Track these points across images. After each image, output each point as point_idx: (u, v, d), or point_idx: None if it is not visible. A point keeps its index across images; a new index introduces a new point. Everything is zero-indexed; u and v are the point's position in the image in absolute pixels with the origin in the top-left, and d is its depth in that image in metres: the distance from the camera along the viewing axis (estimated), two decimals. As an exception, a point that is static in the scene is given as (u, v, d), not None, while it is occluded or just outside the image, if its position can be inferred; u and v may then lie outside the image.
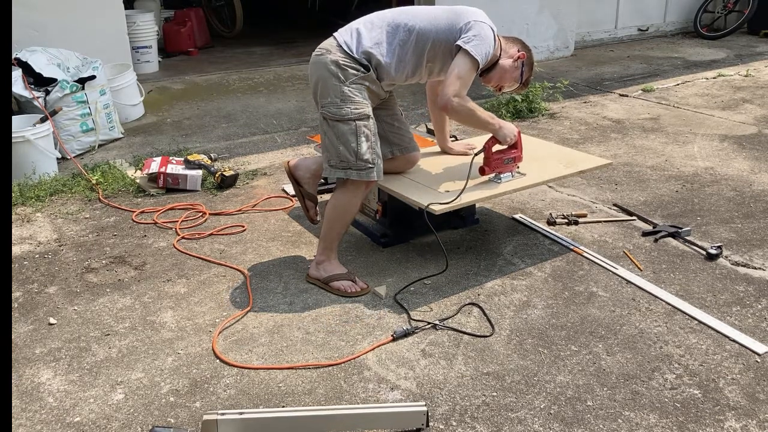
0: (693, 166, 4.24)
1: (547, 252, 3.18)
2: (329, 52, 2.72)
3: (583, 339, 2.52)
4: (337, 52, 2.71)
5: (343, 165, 2.72)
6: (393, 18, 2.77)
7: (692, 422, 2.11)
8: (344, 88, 2.68)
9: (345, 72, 2.69)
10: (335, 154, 2.73)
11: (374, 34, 2.73)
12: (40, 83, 4.36)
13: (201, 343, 2.53)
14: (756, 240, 3.27)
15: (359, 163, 2.70)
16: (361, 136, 2.69)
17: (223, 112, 5.50)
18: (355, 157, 2.69)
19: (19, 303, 2.81)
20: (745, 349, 2.45)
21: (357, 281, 2.85)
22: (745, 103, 5.64)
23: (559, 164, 3.20)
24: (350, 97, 2.68)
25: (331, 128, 2.72)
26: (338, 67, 2.69)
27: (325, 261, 2.88)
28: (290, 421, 2.07)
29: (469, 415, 2.15)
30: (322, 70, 2.72)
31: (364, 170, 2.72)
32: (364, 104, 2.71)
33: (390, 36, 2.74)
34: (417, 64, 2.79)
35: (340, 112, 2.68)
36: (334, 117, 2.69)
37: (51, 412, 2.19)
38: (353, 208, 2.83)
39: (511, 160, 3.01)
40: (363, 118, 2.70)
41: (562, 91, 5.65)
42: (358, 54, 2.71)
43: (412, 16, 2.77)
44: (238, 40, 8.38)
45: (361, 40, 2.72)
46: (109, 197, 3.85)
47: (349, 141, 2.68)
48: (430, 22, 2.75)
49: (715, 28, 8.74)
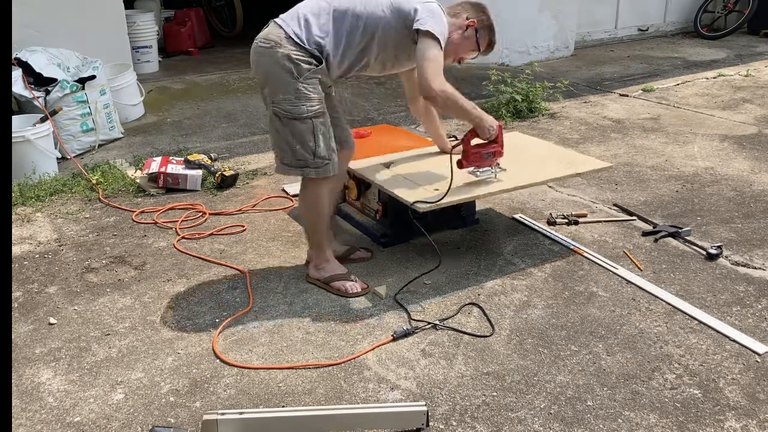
0: (693, 166, 4.24)
1: (547, 252, 3.18)
2: (279, 45, 2.54)
3: (583, 339, 2.52)
4: (288, 45, 2.54)
5: (300, 164, 2.64)
6: (339, 3, 2.60)
7: (692, 422, 2.11)
8: (299, 85, 2.54)
9: (299, 67, 2.53)
10: (290, 152, 2.63)
11: (322, 22, 2.57)
12: (40, 83, 4.36)
13: (201, 343, 2.53)
14: (756, 240, 3.27)
15: (317, 161, 2.62)
16: (318, 135, 2.60)
17: (223, 112, 5.50)
18: (313, 155, 2.61)
19: (19, 303, 2.81)
20: (745, 349, 2.45)
21: (357, 281, 2.85)
22: (745, 103, 5.64)
23: (559, 164, 3.20)
24: (305, 94, 2.55)
25: (285, 126, 2.60)
26: (291, 62, 2.52)
27: (323, 262, 2.88)
28: (290, 421, 2.07)
29: (469, 415, 2.15)
30: (272, 65, 2.55)
31: (321, 167, 2.65)
32: (319, 101, 2.59)
33: (337, 23, 2.58)
34: (365, 53, 2.65)
35: (296, 110, 2.56)
36: (289, 115, 2.57)
37: (51, 412, 2.19)
38: (323, 202, 2.77)
39: (490, 154, 2.94)
40: (319, 116, 2.59)
41: (562, 91, 5.65)
42: (309, 45, 2.55)
43: (359, 1, 2.61)
44: (238, 40, 8.37)
45: (310, 30, 2.56)
46: (109, 197, 3.85)
47: (306, 140, 2.59)
48: (377, 7, 2.60)
49: (715, 28, 8.73)
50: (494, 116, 5.16)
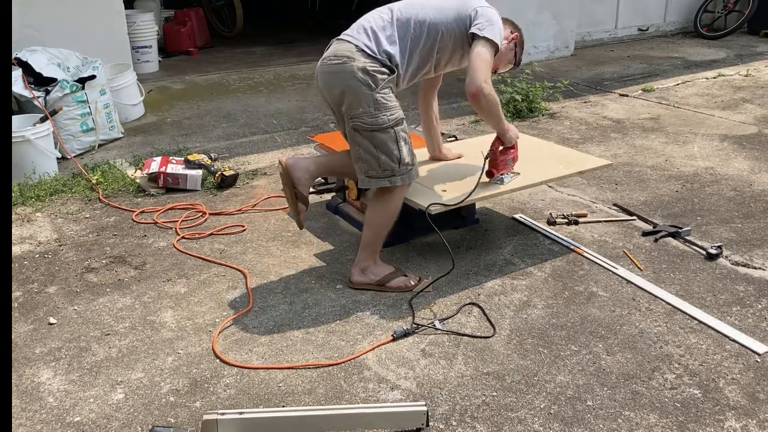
0: (693, 166, 4.24)
1: (547, 252, 3.18)
2: (352, 60, 2.57)
3: (583, 339, 2.52)
4: (362, 57, 2.57)
5: (387, 174, 2.65)
6: (401, 12, 2.68)
7: (692, 422, 2.11)
8: (376, 96, 2.57)
9: (374, 78, 2.56)
10: (376, 164, 2.64)
11: (389, 33, 2.63)
12: (40, 83, 4.36)
13: (201, 343, 2.53)
14: (756, 240, 3.27)
15: (402, 168, 2.65)
16: (401, 141, 2.63)
17: (223, 112, 5.50)
18: (398, 163, 2.64)
19: (19, 303, 2.81)
20: (745, 349, 2.45)
21: (408, 274, 2.87)
22: (745, 103, 5.64)
23: (559, 164, 3.21)
24: (384, 103, 2.58)
25: (366, 138, 2.61)
26: (367, 74, 2.56)
27: (371, 265, 2.84)
28: (290, 421, 2.07)
29: (469, 414, 2.15)
30: (349, 79, 2.57)
31: (407, 174, 2.68)
32: (397, 107, 2.64)
33: (402, 31, 2.65)
34: (427, 58, 2.72)
35: (376, 122, 2.58)
36: (370, 127, 2.59)
37: (51, 411, 2.19)
38: (398, 210, 2.79)
39: (511, 160, 3.03)
40: (400, 123, 2.63)
41: (562, 91, 5.65)
42: (381, 56, 2.60)
43: (420, 9, 2.68)
44: (238, 40, 8.37)
45: (379, 40, 2.62)
46: (109, 197, 3.85)
47: (391, 149, 2.62)
48: (439, 12, 2.68)
49: (715, 28, 8.73)
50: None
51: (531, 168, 3.13)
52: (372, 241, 2.83)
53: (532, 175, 3.08)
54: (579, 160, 3.30)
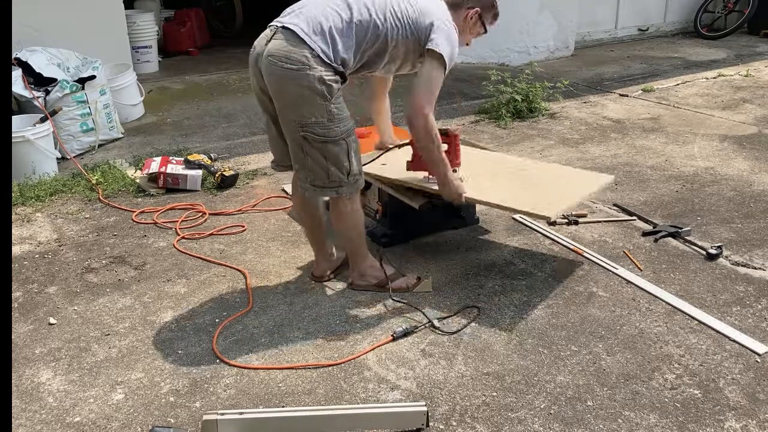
0: (693, 166, 4.24)
1: (547, 252, 3.18)
2: (308, 68, 2.40)
3: (583, 339, 2.52)
4: (319, 66, 2.42)
5: (334, 184, 2.58)
6: (360, 14, 2.48)
7: (692, 422, 2.11)
8: (331, 107, 2.46)
9: (330, 88, 2.44)
10: (324, 175, 2.56)
11: (346, 38, 2.46)
12: (40, 83, 4.36)
13: (201, 343, 2.53)
14: (756, 240, 3.27)
15: (351, 179, 2.59)
16: (351, 153, 2.56)
17: (223, 112, 5.50)
18: (347, 175, 2.57)
19: (19, 303, 2.81)
20: (745, 349, 2.45)
21: (407, 274, 2.87)
22: (745, 103, 5.64)
23: (566, 189, 2.96)
24: (337, 114, 2.48)
25: (316, 149, 2.52)
26: (324, 84, 2.43)
27: (368, 268, 2.83)
28: (290, 421, 2.07)
29: (469, 415, 2.15)
30: (305, 89, 2.42)
31: (354, 184, 2.62)
32: (348, 117, 2.55)
33: (359, 37, 2.49)
34: (377, 62, 2.60)
35: (329, 133, 2.49)
36: (322, 138, 2.49)
37: (51, 412, 2.19)
38: (360, 216, 2.76)
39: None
40: (351, 134, 2.56)
41: (562, 91, 5.64)
42: (336, 63, 2.46)
43: (378, 10, 2.51)
44: (238, 40, 8.36)
45: (337, 47, 2.45)
46: (109, 197, 3.85)
47: (341, 161, 2.54)
48: (397, 18, 2.51)
49: (715, 28, 8.73)
50: (494, 116, 5.21)
51: (543, 195, 2.88)
52: (354, 249, 2.81)
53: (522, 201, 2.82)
54: (584, 182, 3.05)
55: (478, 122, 5.20)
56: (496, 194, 2.85)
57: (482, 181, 3.00)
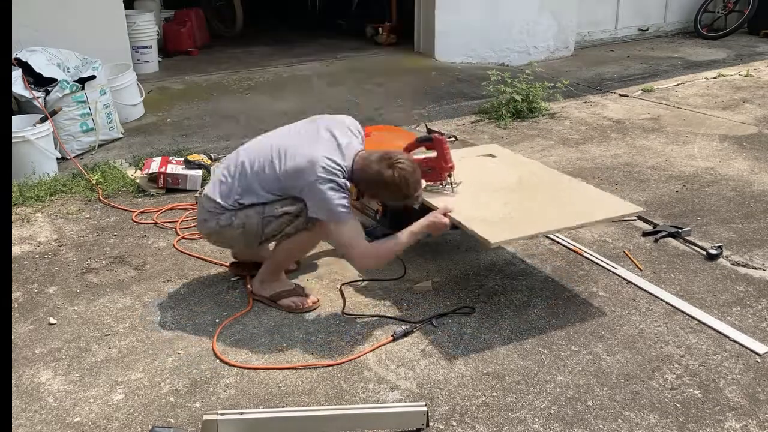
0: (693, 166, 4.24)
1: (547, 252, 3.17)
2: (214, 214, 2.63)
3: (583, 339, 2.52)
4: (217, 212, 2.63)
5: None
6: (250, 163, 2.60)
7: (692, 422, 2.11)
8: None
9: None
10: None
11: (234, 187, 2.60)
12: (40, 83, 4.36)
13: (201, 343, 2.53)
14: (756, 240, 3.27)
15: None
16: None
17: (223, 112, 5.49)
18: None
19: (19, 303, 2.81)
20: (745, 349, 2.45)
21: (308, 295, 2.76)
22: (745, 103, 5.64)
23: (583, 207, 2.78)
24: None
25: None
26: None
27: (270, 278, 2.76)
28: (290, 421, 2.07)
29: (469, 415, 2.15)
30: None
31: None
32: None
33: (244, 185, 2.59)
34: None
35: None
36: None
37: (51, 412, 2.19)
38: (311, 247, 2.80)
39: (429, 169, 2.79)
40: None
41: (562, 91, 5.64)
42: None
43: (255, 171, 2.58)
44: (238, 40, 8.36)
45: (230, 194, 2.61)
46: (109, 197, 3.84)
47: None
48: (270, 165, 2.56)
49: (715, 28, 8.72)
50: (494, 116, 5.21)
51: (548, 212, 2.75)
52: (279, 263, 2.76)
53: (539, 223, 2.67)
54: (600, 206, 2.81)
55: (478, 122, 5.20)
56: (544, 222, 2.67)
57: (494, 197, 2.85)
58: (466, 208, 2.72)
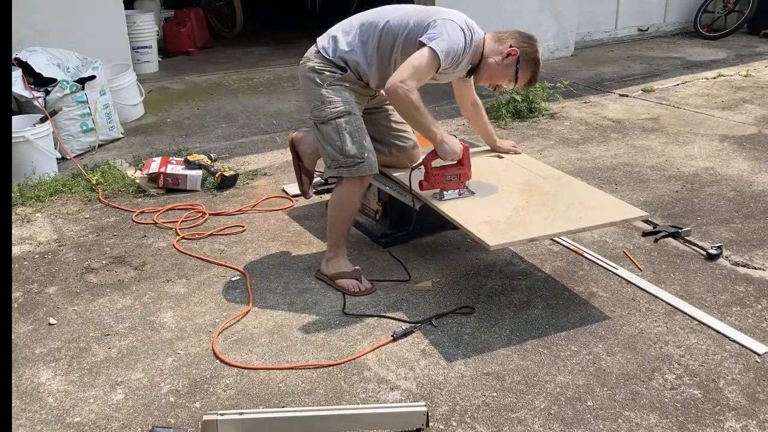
0: (693, 166, 4.24)
1: (547, 252, 3.18)
2: (308, 60, 2.82)
3: (583, 339, 2.52)
4: (315, 59, 2.80)
5: (334, 164, 2.76)
6: (367, 19, 2.80)
7: (692, 422, 2.11)
8: (322, 91, 2.75)
9: (322, 75, 2.76)
10: (326, 155, 2.80)
11: (349, 39, 2.77)
12: (40, 83, 4.36)
13: (201, 343, 2.53)
14: (756, 240, 3.27)
15: (347, 159, 2.73)
16: (344, 133, 2.72)
17: (223, 112, 5.50)
18: (342, 154, 2.73)
19: (19, 303, 2.81)
20: (745, 349, 2.45)
21: (363, 281, 2.86)
22: (745, 103, 5.64)
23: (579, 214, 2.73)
24: (328, 98, 2.74)
25: (319, 131, 2.80)
26: (315, 72, 2.78)
27: (333, 258, 2.90)
28: (290, 421, 2.07)
29: (469, 415, 2.15)
30: (303, 78, 2.85)
31: (354, 166, 2.73)
32: (343, 103, 2.74)
33: (362, 37, 2.76)
34: (388, 60, 2.75)
35: (321, 114, 2.76)
36: (318, 120, 2.78)
37: (51, 412, 2.19)
38: (351, 205, 2.85)
39: (454, 177, 2.80)
40: (343, 116, 2.73)
41: (562, 91, 5.64)
42: (334, 58, 2.77)
43: (385, 16, 2.76)
44: (238, 40, 8.36)
45: (337, 45, 2.78)
46: (109, 197, 3.85)
47: (333, 140, 2.74)
48: (400, 20, 2.73)
49: (715, 28, 8.72)
50: (494, 116, 5.21)
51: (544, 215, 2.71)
52: (330, 232, 2.91)
53: (540, 224, 2.64)
54: (604, 207, 2.80)
55: (478, 122, 5.19)
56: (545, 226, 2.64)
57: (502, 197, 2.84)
58: (469, 209, 2.73)
